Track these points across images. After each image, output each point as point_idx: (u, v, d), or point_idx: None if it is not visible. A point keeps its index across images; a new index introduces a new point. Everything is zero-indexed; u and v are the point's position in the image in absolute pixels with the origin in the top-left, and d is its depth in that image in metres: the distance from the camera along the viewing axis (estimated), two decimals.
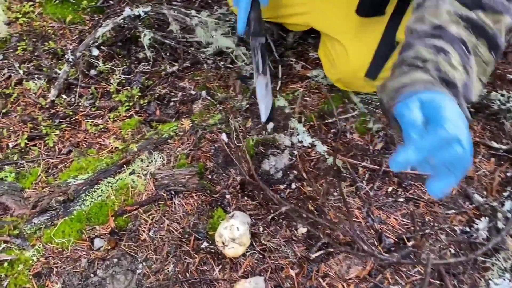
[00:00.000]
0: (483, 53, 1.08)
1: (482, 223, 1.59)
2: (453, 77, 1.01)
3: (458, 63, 1.03)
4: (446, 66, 1.02)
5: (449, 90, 0.98)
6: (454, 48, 1.05)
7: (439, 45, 1.05)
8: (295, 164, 1.72)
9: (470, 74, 1.05)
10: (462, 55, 1.05)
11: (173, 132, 1.73)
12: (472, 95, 1.05)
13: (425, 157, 0.83)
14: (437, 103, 0.88)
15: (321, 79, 2.12)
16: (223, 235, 1.39)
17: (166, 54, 2.17)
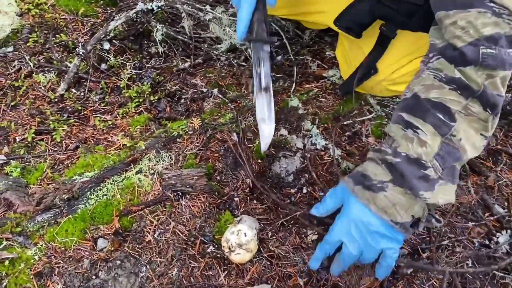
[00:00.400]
0: (477, 111, 1.09)
1: (502, 237, 1.51)
2: (416, 154, 1.09)
3: (430, 135, 1.09)
4: (409, 145, 1.11)
5: (404, 171, 1.09)
6: (425, 120, 1.10)
7: (409, 120, 1.12)
8: (307, 168, 1.66)
9: (455, 141, 1.09)
10: (438, 125, 1.09)
11: (182, 130, 1.68)
12: (461, 156, 1.10)
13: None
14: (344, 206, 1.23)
15: (338, 79, 2.05)
16: (229, 240, 1.34)
17: (179, 50, 2.13)
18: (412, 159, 1.10)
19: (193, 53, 2.09)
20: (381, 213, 1.14)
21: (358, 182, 1.18)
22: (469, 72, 1.06)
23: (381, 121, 1.84)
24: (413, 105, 1.14)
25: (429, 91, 1.11)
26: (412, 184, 1.09)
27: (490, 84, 1.06)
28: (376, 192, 1.14)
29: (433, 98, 1.10)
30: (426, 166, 1.09)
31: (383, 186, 1.14)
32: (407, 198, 1.13)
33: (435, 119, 1.09)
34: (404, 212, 1.13)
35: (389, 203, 1.13)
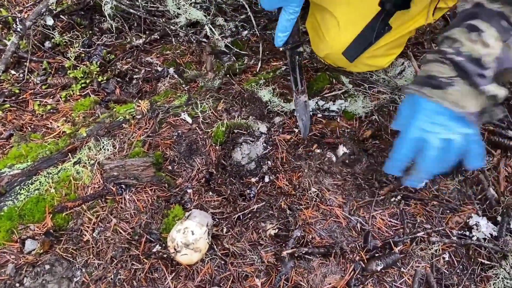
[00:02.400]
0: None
1: (484, 225, 1.36)
2: (478, 55, 1.14)
3: (493, 39, 1.14)
4: (472, 46, 1.15)
5: (466, 67, 1.15)
6: (490, 24, 1.15)
7: (474, 24, 1.17)
8: (271, 154, 1.50)
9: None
10: (501, 31, 1.14)
11: (129, 114, 1.50)
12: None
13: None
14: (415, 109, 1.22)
15: (307, 55, 1.88)
16: (175, 239, 1.18)
17: (133, 25, 1.93)
18: (474, 59, 1.15)
19: (149, 29, 1.89)
20: (455, 106, 1.17)
21: (425, 84, 1.22)
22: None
23: (355, 102, 1.67)
24: (477, 12, 1.18)
25: (492, 3, 1.17)
26: (474, 80, 1.15)
27: None
28: (446, 88, 1.18)
29: (496, 8, 1.16)
30: (486, 67, 1.15)
31: (451, 81, 1.18)
32: (473, 90, 1.17)
33: (499, 25, 1.15)
34: (475, 101, 1.18)
35: (460, 96, 1.17)
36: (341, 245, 1.30)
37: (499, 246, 1.30)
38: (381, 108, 1.68)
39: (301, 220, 1.34)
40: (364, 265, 1.28)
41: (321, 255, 1.29)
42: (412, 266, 1.30)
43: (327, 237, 1.33)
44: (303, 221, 1.34)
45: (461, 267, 1.31)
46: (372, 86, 1.74)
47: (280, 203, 1.37)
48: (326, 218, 1.37)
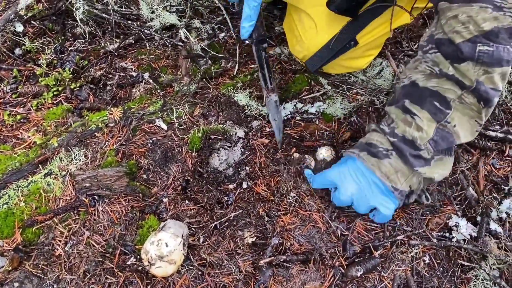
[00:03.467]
0: (471, 102, 1.14)
1: (463, 226, 1.35)
2: (411, 137, 1.20)
3: (425, 122, 1.18)
4: (406, 128, 1.21)
5: (400, 147, 1.21)
6: (422, 108, 1.18)
7: (407, 106, 1.21)
8: (248, 159, 1.47)
9: (449, 127, 1.17)
10: (434, 112, 1.17)
11: (102, 123, 1.46)
12: (454, 141, 1.19)
13: None
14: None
15: (285, 57, 1.85)
16: (149, 252, 1.15)
17: (107, 30, 1.88)
18: (407, 140, 1.20)
19: (124, 33, 1.85)
20: (384, 178, 1.23)
21: (363, 149, 1.28)
22: (464, 68, 1.09)
23: (333, 104, 1.65)
24: (412, 92, 1.21)
25: (428, 80, 1.18)
26: (408, 159, 1.20)
27: (486, 79, 1.09)
28: (382, 158, 1.24)
29: (431, 87, 1.17)
30: (420, 148, 1.19)
31: (388, 153, 1.24)
32: (407, 168, 1.22)
33: (432, 106, 1.17)
34: (404, 180, 1.24)
35: (392, 170, 1.23)
36: (320, 251, 1.28)
37: (478, 247, 1.29)
38: (360, 109, 1.66)
39: (280, 226, 1.32)
40: (344, 270, 1.26)
41: (300, 262, 1.27)
42: (392, 270, 1.28)
43: (306, 243, 1.31)
44: (281, 228, 1.32)
45: (442, 269, 1.30)
46: (351, 87, 1.73)
47: (258, 210, 1.35)
48: (305, 223, 1.35)
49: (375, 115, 1.65)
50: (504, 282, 1.25)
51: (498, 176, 1.52)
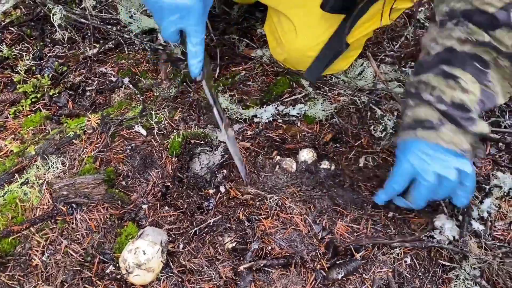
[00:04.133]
0: (506, 65, 1.16)
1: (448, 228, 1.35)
2: (460, 101, 1.19)
3: (471, 83, 1.18)
4: (452, 93, 1.19)
5: (451, 114, 1.20)
6: (465, 70, 1.18)
7: (448, 71, 1.20)
8: (228, 163, 1.46)
9: (491, 87, 1.19)
10: (476, 74, 1.18)
11: (80, 129, 1.44)
12: (496, 100, 1.21)
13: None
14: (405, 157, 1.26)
15: (267, 59, 1.85)
16: (126, 260, 1.14)
17: (87, 35, 1.87)
18: (457, 104, 1.19)
19: (104, 37, 1.83)
20: (450, 145, 1.21)
21: (416, 127, 1.25)
22: (499, 34, 1.12)
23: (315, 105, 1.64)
24: (450, 57, 1.21)
25: (463, 45, 1.18)
26: (461, 124, 1.20)
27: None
28: (438, 129, 1.22)
29: (468, 50, 1.18)
30: (470, 110, 1.19)
31: (441, 122, 1.22)
32: (462, 130, 1.21)
33: (473, 68, 1.18)
34: (464, 139, 1.22)
35: (452, 135, 1.21)
36: (301, 255, 1.28)
37: (459, 247, 1.29)
38: (342, 111, 1.66)
39: (260, 231, 1.31)
40: (325, 273, 1.26)
41: (281, 266, 1.26)
42: (374, 271, 1.28)
43: (287, 247, 1.30)
44: (262, 232, 1.31)
45: (423, 269, 1.30)
46: (332, 88, 1.73)
47: (238, 215, 1.34)
48: (286, 227, 1.34)
49: (356, 116, 1.65)
50: (485, 281, 1.25)
51: (479, 175, 1.52)
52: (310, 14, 1.56)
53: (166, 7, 1.15)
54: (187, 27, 1.19)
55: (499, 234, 1.38)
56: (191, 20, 1.18)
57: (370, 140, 1.57)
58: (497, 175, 1.47)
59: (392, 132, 1.58)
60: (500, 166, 1.55)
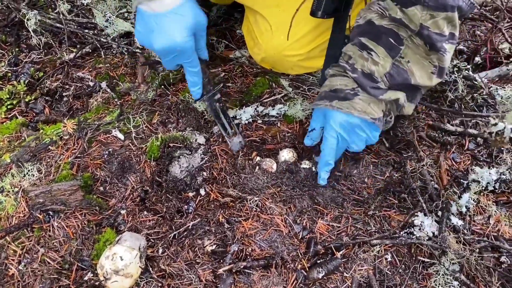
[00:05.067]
0: (420, 44, 1.22)
1: (428, 225, 1.35)
2: (369, 71, 1.28)
3: (382, 57, 1.26)
4: (364, 62, 1.28)
5: (360, 82, 1.29)
6: (378, 44, 1.26)
7: (364, 43, 1.28)
8: (208, 165, 1.45)
9: (403, 63, 1.25)
10: (389, 48, 1.25)
11: (56, 136, 1.43)
12: (409, 78, 1.26)
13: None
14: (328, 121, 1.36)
15: (246, 60, 1.84)
16: (104, 266, 1.13)
17: (64, 40, 1.84)
18: (366, 74, 1.28)
19: (81, 42, 1.82)
20: (362, 114, 1.29)
21: (332, 98, 1.33)
22: (411, 12, 1.17)
23: (294, 105, 1.64)
24: (368, 30, 1.28)
25: (382, 19, 1.24)
26: (370, 92, 1.28)
27: (432, 24, 1.17)
28: (352, 98, 1.30)
29: (385, 25, 1.24)
30: (377, 80, 1.28)
31: (356, 91, 1.31)
32: (374, 98, 1.30)
33: (387, 42, 1.24)
34: (377, 108, 1.31)
35: (365, 104, 1.30)
36: (282, 255, 1.28)
37: (437, 243, 1.30)
38: None
39: (240, 232, 1.31)
40: (306, 273, 1.26)
41: (261, 267, 1.26)
42: (354, 269, 1.28)
43: (268, 248, 1.30)
44: (242, 234, 1.30)
45: (403, 266, 1.30)
46: (312, 87, 1.73)
47: (218, 217, 1.33)
48: (267, 228, 1.34)
49: None
50: (464, 276, 1.26)
51: (458, 170, 1.53)
52: (285, 13, 1.56)
53: (161, 50, 1.24)
54: (183, 62, 1.31)
55: (478, 229, 1.39)
56: (185, 57, 1.29)
57: None
58: (475, 169, 1.48)
59: None
60: (478, 161, 1.56)
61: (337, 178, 1.47)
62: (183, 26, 1.21)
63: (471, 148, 1.60)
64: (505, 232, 1.38)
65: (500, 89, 1.58)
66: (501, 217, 1.41)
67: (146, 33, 1.22)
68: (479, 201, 1.44)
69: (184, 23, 1.21)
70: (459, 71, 1.54)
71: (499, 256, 1.32)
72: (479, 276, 1.25)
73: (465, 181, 1.46)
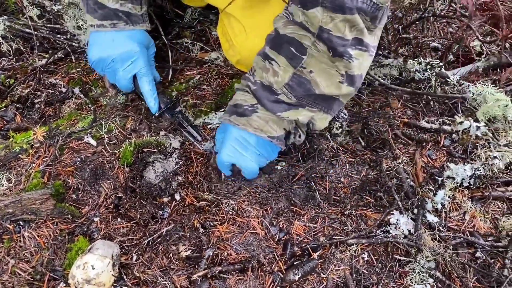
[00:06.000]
0: (323, 50, 1.16)
1: (404, 223, 1.36)
2: (268, 83, 1.24)
3: (284, 67, 1.21)
4: (263, 74, 1.25)
5: (259, 95, 1.26)
6: (280, 54, 1.21)
7: (267, 53, 1.24)
8: (182, 169, 1.44)
9: (305, 73, 1.20)
10: (290, 57, 1.20)
11: (27, 144, 1.40)
12: (312, 88, 1.21)
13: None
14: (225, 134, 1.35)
15: (222, 62, 1.83)
16: (75, 276, 1.11)
17: (36, 45, 1.81)
18: (265, 86, 1.25)
19: (54, 47, 1.79)
20: (259, 132, 1.28)
21: (232, 113, 1.32)
22: (312, 14, 1.11)
23: None
24: (272, 39, 1.24)
25: (286, 27, 1.20)
26: (267, 106, 1.25)
27: (334, 27, 1.11)
28: (250, 115, 1.28)
29: (288, 33, 1.19)
30: (277, 93, 1.24)
31: (254, 108, 1.28)
32: (273, 116, 1.27)
33: (289, 52, 1.19)
34: (277, 126, 1.29)
35: (262, 122, 1.28)
36: (258, 258, 1.27)
37: (413, 240, 1.30)
38: None
39: (215, 237, 1.30)
40: (283, 275, 1.25)
41: (237, 271, 1.25)
42: (331, 270, 1.28)
43: (244, 251, 1.29)
44: (217, 238, 1.29)
45: (380, 265, 1.30)
46: None
47: (193, 222, 1.32)
48: (243, 231, 1.33)
49: None
50: (440, 273, 1.26)
51: (434, 167, 1.54)
52: (259, 14, 1.55)
53: (119, 59, 1.44)
54: (140, 70, 1.45)
55: (454, 225, 1.40)
56: (142, 63, 1.46)
57: (326, 137, 1.57)
58: (450, 166, 1.49)
59: (348, 129, 1.59)
60: (454, 157, 1.57)
61: (314, 178, 1.46)
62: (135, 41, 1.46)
63: (446, 144, 1.61)
64: (480, 228, 1.40)
65: (472, 85, 1.59)
66: (476, 213, 1.42)
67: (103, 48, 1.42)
68: (454, 198, 1.45)
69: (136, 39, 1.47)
70: (432, 69, 1.55)
71: (474, 252, 1.33)
72: (454, 272, 1.26)
73: (440, 178, 1.47)
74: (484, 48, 1.79)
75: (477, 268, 1.28)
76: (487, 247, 1.32)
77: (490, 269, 1.27)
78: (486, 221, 1.41)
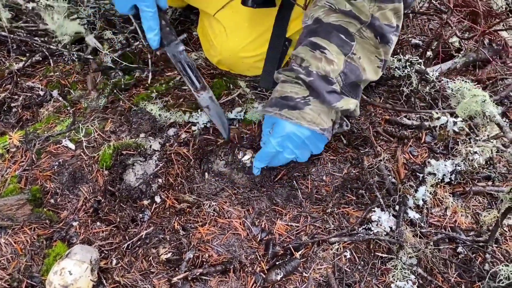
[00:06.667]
0: (369, 37, 1.21)
1: (385, 220, 1.36)
2: (325, 72, 1.21)
3: (336, 54, 1.21)
4: (318, 64, 1.21)
5: (316, 86, 1.22)
6: (330, 41, 1.21)
7: (315, 42, 1.23)
8: (163, 171, 1.43)
9: (355, 60, 1.23)
10: (341, 45, 1.21)
11: (3, 148, 1.38)
12: (361, 74, 1.24)
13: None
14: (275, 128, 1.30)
15: (203, 62, 1.82)
16: (52, 282, 1.09)
17: (12, 48, 1.78)
18: (321, 76, 1.22)
19: (31, 50, 1.76)
20: (312, 125, 1.26)
21: (282, 106, 1.27)
22: (360, 4, 1.16)
23: (253, 106, 1.63)
24: (317, 29, 1.24)
25: (329, 16, 1.22)
26: (325, 98, 1.22)
27: (381, 15, 1.18)
28: (303, 108, 1.25)
29: (333, 22, 1.21)
30: (332, 82, 1.22)
31: (307, 100, 1.26)
32: (326, 107, 1.26)
33: (338, 39, 1.21)
34: (327, 118, 1.28)
35: (315, 115, 1.26)
36: (240, 259, 1.26)
37: (395, 237, 1.30)
38: None
39: (196, 239, 1.28)
40: (265, 275, 1.24)
41: (219, 272, 1.24)
42: (314, 269, 1.27)
43: (225, 253, 1.28)
44: (198, 240, 1.28)
45: (362, 263, 1.30)
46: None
47: (173, 224, 1.31)
48: (225, 232, 1.32)
49: None
50: (422, 269, 1.26)
51: (415, 163, 1.54)
52: (238, 15, 1.55)
53: None
54: (139, 3, 1.26)
55: (436, 221, 1.40)
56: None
57: None
58: (431, 162, 1.49)
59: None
60: (435, 153, 1.57)
61: (296, 177, 1.46)
62: None
63: (427, 141, 1.62)
64: (462, 223, 1.40)
65: (451, 82, 1.59)
66: (457, 208, 1.43)
67: None
68: (436, 194, 1.45)
69: None
70: (411, 65, 1.55)
71: (455, 247, 1.33)
72: (436, 268, 1.26)
73: (421, 174, 1.48)
74: (463, 44, 1.80)
75: (458, 263, 1.28)
76: (468, 242, 1.32)
77: (472, 264, 1.28)
78: (467, 216, 1.42)
